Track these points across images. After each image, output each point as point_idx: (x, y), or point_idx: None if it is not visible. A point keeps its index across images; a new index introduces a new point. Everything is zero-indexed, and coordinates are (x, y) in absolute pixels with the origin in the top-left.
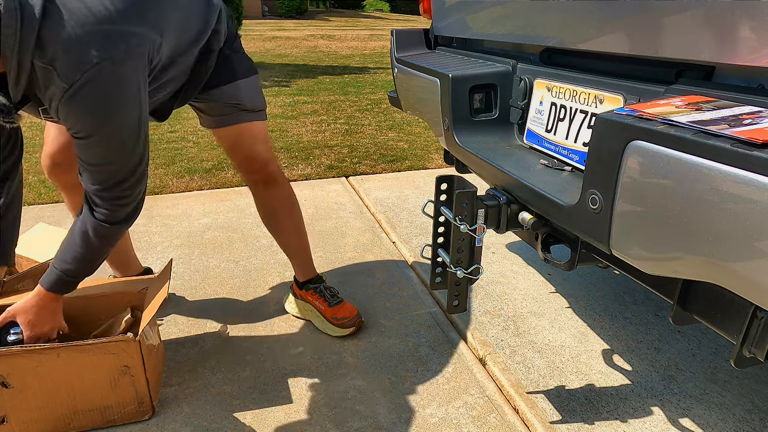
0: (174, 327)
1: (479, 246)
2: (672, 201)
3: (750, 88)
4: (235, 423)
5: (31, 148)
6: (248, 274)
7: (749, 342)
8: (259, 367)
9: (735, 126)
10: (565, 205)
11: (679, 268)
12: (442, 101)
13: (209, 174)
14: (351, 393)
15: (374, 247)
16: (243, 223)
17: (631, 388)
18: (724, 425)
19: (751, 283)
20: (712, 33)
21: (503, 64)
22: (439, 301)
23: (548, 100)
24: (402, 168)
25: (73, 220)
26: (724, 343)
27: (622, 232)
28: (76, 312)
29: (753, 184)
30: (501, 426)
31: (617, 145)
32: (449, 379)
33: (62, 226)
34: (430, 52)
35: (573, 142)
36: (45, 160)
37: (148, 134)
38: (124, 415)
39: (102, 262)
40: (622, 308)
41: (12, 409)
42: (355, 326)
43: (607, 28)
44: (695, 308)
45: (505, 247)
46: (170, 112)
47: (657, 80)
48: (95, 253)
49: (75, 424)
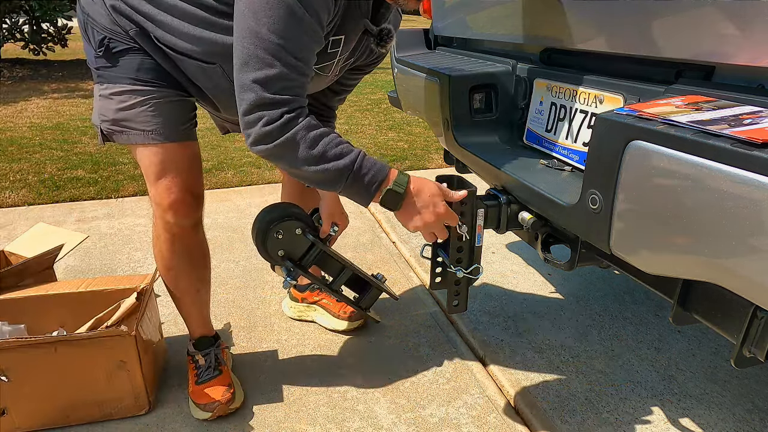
0: (174, 327)
1: (479, 246)
2: (672, 201)
3: (750, 88)
4: (235, 423)
5: (30, 148)
6: (248, 274)
7: (749, 342)
8: (259, 366)
9: (735, 126)
10: (565, 205)
11: (679, 267)
12: (442, 101)
13: (209, 174)
14: (351, 393)
15: (374, 247)
16: (243, 223)
17: (631, 387)
18: (724, 425)
19: (751, 282)
20: (712, 33)
21: (503, 64)
22: (439, 301)
23: (548, 100)
24: (402, 168)
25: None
26: (724, 343)
27: (622, 232)
28: (79, 307)
29: (753, 183)
30: (501, 426)
31: (617, 145)
32: (449, 379)
33: (62, 226)
34: (430, 52)
35: (573, 142)
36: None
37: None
38: (120, 409)
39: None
40: (622, 308)
41: (12, 402)
42: (363, 319)
43: (607, 28)
44: (695, 308)
45: (505, 247)
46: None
47: (657, 80)
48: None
49: (73, 416)
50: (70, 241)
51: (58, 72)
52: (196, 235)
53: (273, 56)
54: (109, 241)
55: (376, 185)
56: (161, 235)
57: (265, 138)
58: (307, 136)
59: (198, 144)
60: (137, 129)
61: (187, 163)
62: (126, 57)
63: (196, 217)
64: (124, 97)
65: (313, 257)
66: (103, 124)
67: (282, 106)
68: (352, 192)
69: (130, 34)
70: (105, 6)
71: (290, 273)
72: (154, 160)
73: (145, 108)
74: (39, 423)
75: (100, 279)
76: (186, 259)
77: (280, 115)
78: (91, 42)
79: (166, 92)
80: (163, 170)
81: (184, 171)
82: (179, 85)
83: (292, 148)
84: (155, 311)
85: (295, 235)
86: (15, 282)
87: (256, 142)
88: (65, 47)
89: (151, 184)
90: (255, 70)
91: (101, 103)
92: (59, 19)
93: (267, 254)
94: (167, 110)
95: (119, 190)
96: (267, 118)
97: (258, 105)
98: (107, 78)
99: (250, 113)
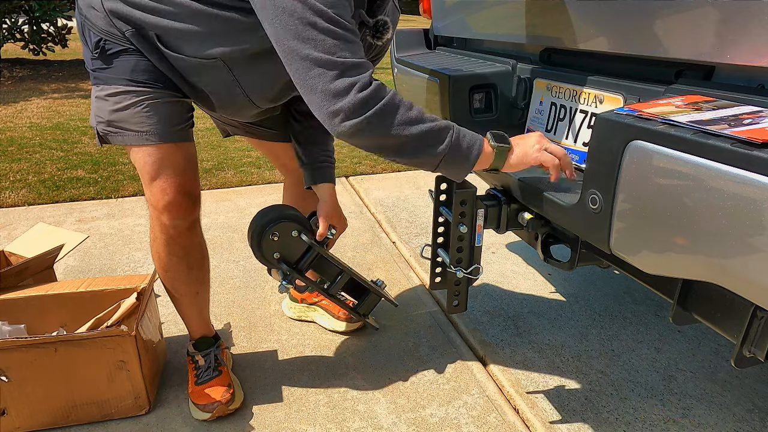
0: (174, 327)
1: (479, 246)
2: (672, 201)
3: (750, 88)
4: (235, 423)
5: (30, 148)
6: (248, 274)
7: (749, 342)
8: (260, 366)
9: (735, 126)
10: (565, 205)
11: (679, 267)
12: (442, 101)
13: (209, 174)
14: (351, 393)
15: (374, 247)
16: (243, 223)
17: (632, 387)
18: (724, 425)
19: (751, 282)
20: (712, 33)
21: (503, 64)
22: (439, 301)
23: (548, 100)
24: (402, 168)
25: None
26: (725, 343)
27: (622, 231)
28: (80, 307)
29: (753, 183)
30: (501, 426)
31: (617, 145)
32: (449, 379)
33: (62, 226)
34: (430, 52)
35: (573, 142)
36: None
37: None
38: (120, 409)
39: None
40: (622, 308)
41: (12, 402)
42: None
43: (607, 28)
44: (695, 308)
45: (505, 247)
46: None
47: (657, 80)
48: None
49: (73, 416)
50: (70, 241)
51: (58, 72)
52: (193, 236)
53: (331, 24)
54: (109, 241)
55: (477, 148)
56: (158, 237)
57: (362, 106)
58: (400, 98)
59: (194, 145)
60: (132, 130)
61: (182, 164)
62: (120, 58)
63: (192, 218)
64: (118, 98)
65: (310, 261)
66: (99, 126)
67: (367, 68)
68: (453, 159)
69: (126, 35)
70: (102, 8)
71: (286, 276)
72: (149, 160)
73: (139, 109)
74: (39, 423)
75: (100, 279)
76: (183, 260)
77: (370, 79)
78: (87, 44)
79: (161, 93)
80: (157, 171)
81: (180, 172)
82: (174, 86)
83: (393, 111)
84: (155, 311)
85: (291, 238)
86: (15, 282)
87: (352, 114)
88: (65, 47)
89: (146, 185)
90: (317, 49)
91: (97, 105)
92: (59, 19)
93: (262, 256)
94: (162, 111)
95: (119, 190)
96: (360, 84)
97: (343, 71)
98: (103, 79)
99: (337, 81)
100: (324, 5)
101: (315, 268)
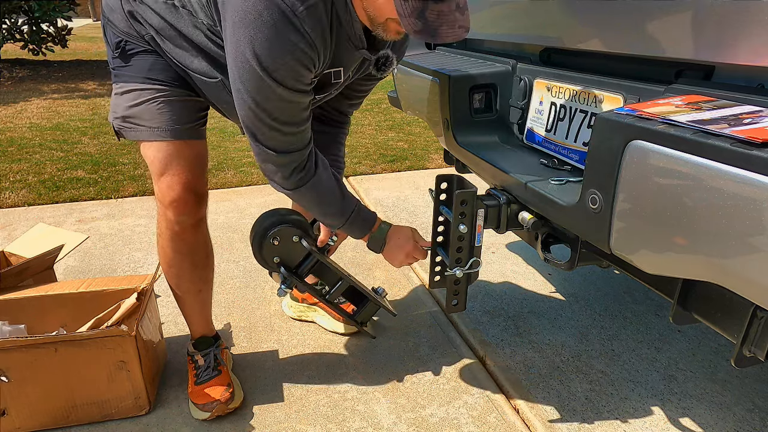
0: (174, 327)
1: (479, 246)
2: (672, 200)
3: (750, 88)
4: (235, 423)
5: (30, 148)
6: (248, 274)
7: (749, 341)
8: (260, 366)
9: (735, 125)
10: (565, 205)
11: (679, 267)
12: (442, 101)
13: (209, 174)
14: (351, 393)
15: None
16: (243, 223)
17: (632, 387)
18: (724, 425)
19: (751, 282)
20: (712, 33)
21: (503, 64)
22: (439, 301)
23: (548, 100)
24: (402, 168)
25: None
26: (725, 343)
27: (622, 231)
28: (80, 307)
29: (753, 183)
30: (501, 426)
31: (617, 145)
32: (449, 379)
33: (62, 226)
34: (430, 52)
35: (573, 142)
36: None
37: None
38: (120, 410)
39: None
40: (622, 308)
41: (12, 402)
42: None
43: (607, 28)
44: (695, 308)
45: (505, 247)
46: None
47: (657, 80)
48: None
49: (73, 417)
50: (70, 241)
51: (58, 72)
52: (198, 234)
53: (270, 129)
54: (109, 241)
55: (369, 225)
56: (163, 232)
57: (285, 187)
58: (320, 178)
59: (205, 144)
60: (144, 125)
61: (191, 162)
62: (139, 57)
63: (198, 215)
64: (134, 94)
65: (310, 266)
66: (115, 121)
67: (302, 155)
68: (350, 228)
69: (145, 38)
70: (123, 12)
71: (285, 281)
72: (158, 156)
73: (153, 105)
74: (39, 423)
75: (100, 279)
76: (187, 257)
77: (302, 165)
78: (109, 44)
79: (175, 91)
80: (165, 167)
81: (187, 169)
82: (189, 85)
83: (311, 192)
84: (155, 311)
85: (292, 243)
86: (15, 282)
87: (278, 187)
88: (65, 48)
89: (155, 180)
90: (261, 140)
91: (115, 101)
92: (59, 19)
93: (263, 260)
94: (175, 108)
95: (119, 191)
96: (286, 173)
97: (276, 162)
98: (121, 77)
99: (269, 165)
100: (268, 114)
101: (315, 273)
